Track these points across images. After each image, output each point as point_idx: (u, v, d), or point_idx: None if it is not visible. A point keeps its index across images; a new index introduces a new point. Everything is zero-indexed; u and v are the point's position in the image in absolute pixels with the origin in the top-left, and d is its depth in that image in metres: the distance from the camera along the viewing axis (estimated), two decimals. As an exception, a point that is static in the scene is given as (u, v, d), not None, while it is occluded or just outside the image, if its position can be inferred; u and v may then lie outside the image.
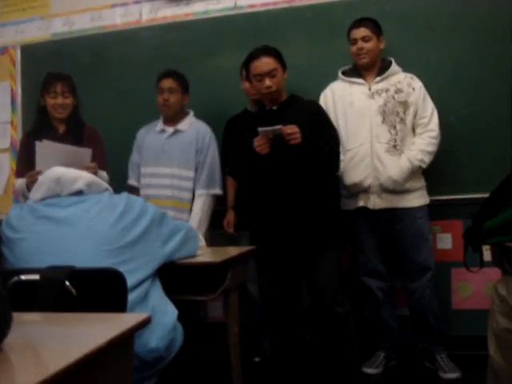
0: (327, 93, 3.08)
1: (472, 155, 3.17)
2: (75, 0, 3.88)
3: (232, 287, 2.32)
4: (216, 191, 3.19)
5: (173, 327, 1.87)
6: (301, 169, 2.62)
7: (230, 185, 3.26)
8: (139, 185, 3.24)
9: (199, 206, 3.12)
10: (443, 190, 3.18)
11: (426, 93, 2.96)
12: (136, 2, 3.79)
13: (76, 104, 3.08)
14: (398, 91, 2.94)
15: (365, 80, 3.01)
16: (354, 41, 2.98)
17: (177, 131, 3.17)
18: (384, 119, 2.92)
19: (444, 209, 3.22)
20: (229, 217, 3.28)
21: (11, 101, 3.97)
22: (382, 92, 2.96)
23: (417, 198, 2.96)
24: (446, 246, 3.27)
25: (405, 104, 2.93)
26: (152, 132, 3.24)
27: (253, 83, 2.76)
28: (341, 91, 3.04)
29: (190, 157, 3.14)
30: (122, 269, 1.68)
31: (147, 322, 1.23)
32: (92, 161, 2.72)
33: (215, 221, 3.21)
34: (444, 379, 2.89)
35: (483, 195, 2.12)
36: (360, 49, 2.95)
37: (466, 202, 3.07)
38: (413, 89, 2.95)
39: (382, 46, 3.01)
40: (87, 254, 1.76)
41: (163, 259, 1.99)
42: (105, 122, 3.41)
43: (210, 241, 3.06)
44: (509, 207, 1.97)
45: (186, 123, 3.20)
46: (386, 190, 2.91)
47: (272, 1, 3.53)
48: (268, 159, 2.57)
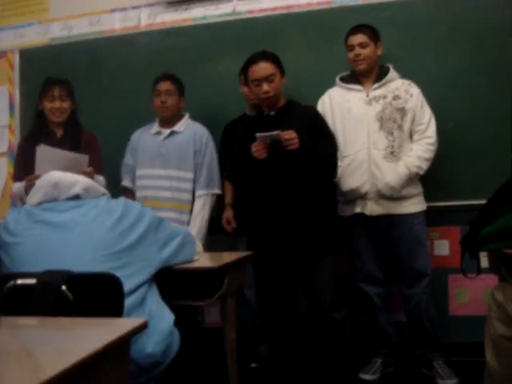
0: (325, 99, 3.08)
1: (470, 161, 3.17)
2: (74, 5, 3.88)
3: (229, 292, 2.32)
4: (216, 191, 3.18)
5: (169, 332, 1.87)
6: (298, 174, 2.62)
7: (228, 186, 3.25)
8: (134, 186, 3.23)
9: (200, 207, 3.12)
10: (441, 196, 3.17)
11: (424, 99, 2.96)
12: (135, 7, 3.79)
13: (74, 108, 3.07)
14: (396, 98, 2.94)
15: (363, 86, 3.01)
16: (351, 47, 2.98)
17: (173, 133, 3.17)
18: (381, 126, 2.92)
19: (442, 215, 3.21)
20: (227, 213, 3.23)
21: (9, 105, 3.97)
22: (380, 98, 2.96)
23: (414, 205, 2.96)
24: (444, 253, 3.27)
25: (402, 110, 2.93)
26: (147, 134, 3.23)
27: (251, 88, 2.77)
28: (339, 97, 3.04)
29: (189, 158, 3.14)
30: (119, 273, 1.67)
31: (144, 327, 1.23)
32: (89, 165, 2.72)
33: (212, 226, 3.19)
34: (441, 386, 2.89)
35: (481, 201, 2.13)
36: (357, 55, 2.95)
37: (464, 209, 3.08)
38: (410, 95, 2.95)
39: (380, 53, 3.01)
40: (84, 259, 1.75)
41: (160, 264, 1.98)
42: (103, 127, 3.41)
43: (207, 246, 3.05)
44: (506, 214, 1.97)
45: (182, 125, 3.20)
46: (383, 197, 2.91)
47: (270, 7, 3.54)
48: (266, 165, 2.57)
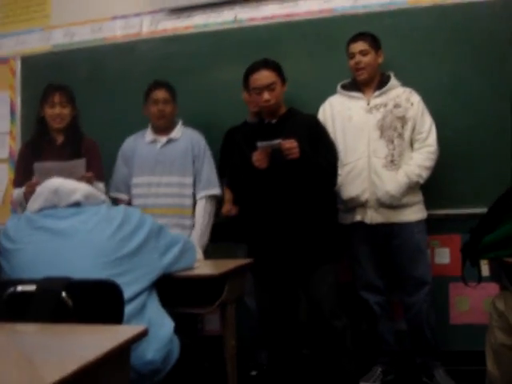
0: (326, 107, 3.09)
1: (470, 169, 3.17)
2: (76, 12, 3.89)
3: (229, 300, 2.31)
4: (216, 190, 3.18)
5: (169, 340, 1.86)
6: (299, 183, 2.62)
7: (228, 194, 3.24)
8: (129, 195, 3.20)
9: (202, 209, 3.12)
10: (441, 204, 3.17)
11: (425, 107, 2.96)
12: (136, 15, 3.80)
13: (75, 115, 3.08)
14: (397, 106, 2.94)
15: (364, 94, 3.02)
16: (352, 55, 2.99)
17: (170, 140, 3.17)
18: (382, 134, 2.92)
19: (442, 223, 3.21)
20: (226, 205, 3.21)
21: (10, 111, 3.98)
22: (381, 107, 2.96)
23: (414, 213, 2.95)
24: (444, 261, 3.26)
25: (403, 119, 2.93)
26: (142, 142, 3.22)
27: (252, 96, 2.77)
28: (339, 105, 3.05)
29: (188, 164, 3.14)
30: (119, 281, 1.67)
31: (144, 335, 1.23)
32: (88, 172, 2.72)
33: (211, 234, 3.17)
34: (441, 394, 2.87)
35: (482, 209, 2.13)
36: (357, 63, 2.96)
37: (465, 217, 3.07)
38: (411, 104, 2.95)
39: (381, 61, 3.01)
40: (84, 266, 1.75)
41: (161, 271, 1.98)
42: (104, 134, 3.40)
43: (207, 254, 3.05)
44: (507, 222, 1.97)
45: (178, 132, 3.20)
46: (383, 205, 2.91)
47: (272, 15, 3.55)
48: (266, 174, 2.58)
